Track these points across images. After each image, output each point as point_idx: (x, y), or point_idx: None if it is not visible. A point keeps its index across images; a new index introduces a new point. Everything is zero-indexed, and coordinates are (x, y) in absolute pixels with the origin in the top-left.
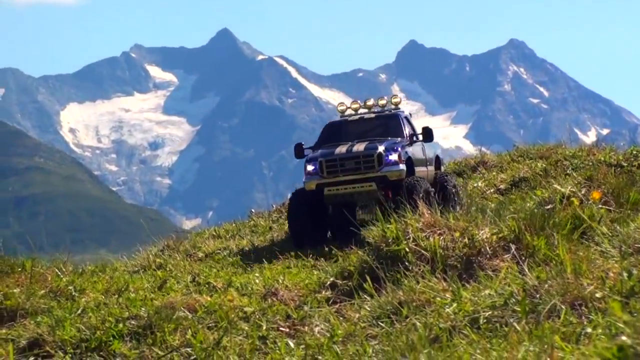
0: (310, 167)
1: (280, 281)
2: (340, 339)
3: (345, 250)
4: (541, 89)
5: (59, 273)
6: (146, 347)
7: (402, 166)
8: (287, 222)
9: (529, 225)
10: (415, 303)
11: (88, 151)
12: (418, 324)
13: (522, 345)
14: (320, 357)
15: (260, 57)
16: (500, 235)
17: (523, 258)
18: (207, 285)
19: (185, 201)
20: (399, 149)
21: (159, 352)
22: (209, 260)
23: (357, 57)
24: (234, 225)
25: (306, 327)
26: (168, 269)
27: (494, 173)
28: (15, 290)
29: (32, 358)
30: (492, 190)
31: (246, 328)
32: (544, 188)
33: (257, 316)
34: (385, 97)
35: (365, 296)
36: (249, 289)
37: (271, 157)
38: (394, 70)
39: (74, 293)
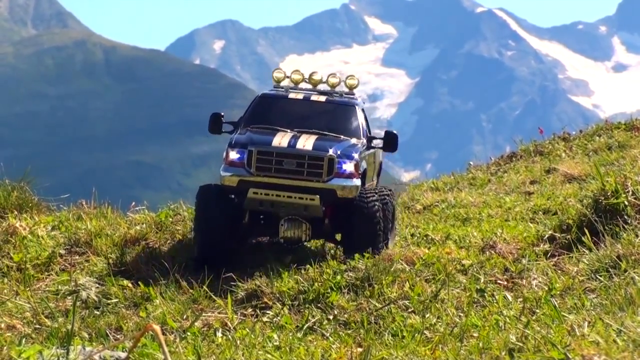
0: (234, 155)
1: (499, 234)
2: (558, 292)
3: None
4: None
5: None
6: (364, 299)
7: (357, 181)
8: (196, 224)
9: None
10: (634, 257)
11: None
12: (637, 277)
13: None
14: (538, 311)
15: (479, 9)
16: None
17: None
18: (425, 238)
19: (403, 153)
20: (356, 155)
21: (377, 304)
22: (426, 213)
23: (577, 9)
24: (452, 177)
25: (524, 280)
26: None
27: None
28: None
29: (250, 309)
30: None
31: (464, 281)
32: None
33: (475, 269)
34: (338, 75)
35: (583, 249)
36: (467, 241)
37: (490, 110)
38: (615, 22)
39: None
